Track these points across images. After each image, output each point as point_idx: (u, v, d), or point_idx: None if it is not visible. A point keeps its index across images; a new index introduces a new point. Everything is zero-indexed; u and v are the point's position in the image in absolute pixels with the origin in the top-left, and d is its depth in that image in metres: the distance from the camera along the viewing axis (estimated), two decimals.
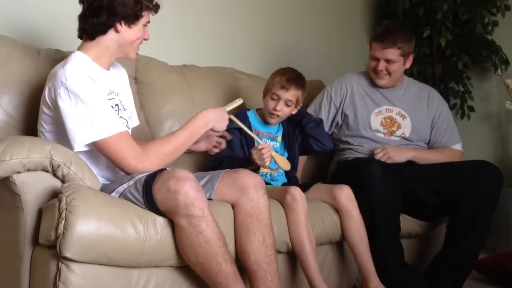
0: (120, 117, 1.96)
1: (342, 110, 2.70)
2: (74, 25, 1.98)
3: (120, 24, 1.89)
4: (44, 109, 1.86)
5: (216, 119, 2.01)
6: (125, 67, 2.15)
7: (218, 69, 2.83)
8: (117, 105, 1.96)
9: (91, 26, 1.88)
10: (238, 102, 2.19)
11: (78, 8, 2.00)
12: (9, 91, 2.04)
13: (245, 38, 3.21)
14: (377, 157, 2.48)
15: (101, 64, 1.93)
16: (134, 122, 2.15)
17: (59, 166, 1.65)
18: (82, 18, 1.90)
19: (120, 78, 2.08)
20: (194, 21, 2.97)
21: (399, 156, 2.51)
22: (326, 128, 2.70)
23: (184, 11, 2.90)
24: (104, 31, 1.89)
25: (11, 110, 2.03)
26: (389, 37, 2.56)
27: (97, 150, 1.83)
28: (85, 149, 1.80)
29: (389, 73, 2.61)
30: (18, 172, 1.61)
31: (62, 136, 1.82)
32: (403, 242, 2.36)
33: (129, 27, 1.91)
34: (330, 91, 2.75)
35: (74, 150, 1.77)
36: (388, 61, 2.58)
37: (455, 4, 3.40)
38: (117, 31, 1.90)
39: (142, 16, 1.92)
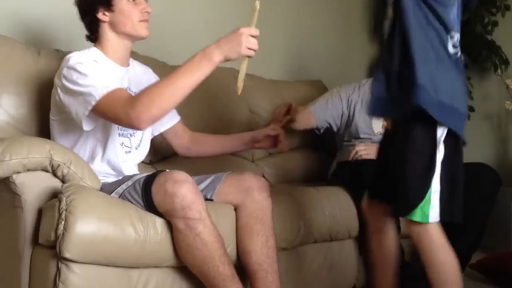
0: None
1: (347, 110, 2.72)
2: (74, 25, 1.99)
3: (102, 13, 1.90)
4: (52, 97, 1.89)
5: (224, 46, 1.71)
6: None
7: (218, 69, 2.79)
8: None
9: (86, 30, 1.95)
10: (256, 8, 1.76)
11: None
12: (10, 91, 2.04)
13: None
14: (360, 152, 2.43)
15: (115, 59, 1.95)
16: (174, 118, 2.18)
17: (59, 166, 1.65)
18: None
19: (140, 76, 2.06)
20: (194, 21, 2.97)
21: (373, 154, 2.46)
22: (333, 121, 2.72)
23: (184, 11, 2.90)
24: (96, 28, 1.93)
25: (11, 110, 2.03)
26: None
27: (99, 117, 1.78)
28: (91, 125, 1.78)
29: None
30: (18, 172, 1.61)
31: (67, 124, 1.86)
32: (403, 242, 2.36)
33: (111, 10, 1.90)
34: (339, 90, 2.78)
35: (84, 128, 1.77)
36: None
37: None
38: (104, 21, 1.91)
39: None
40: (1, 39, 2.09)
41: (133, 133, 1.99)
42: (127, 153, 1.98)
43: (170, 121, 2.18)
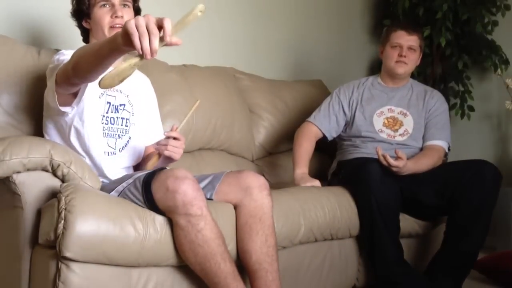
0: (106, 116, 1.96)
1: (349, 112, 2.71)
2: (74, 25, 2.00)
3: (85, 21, 2.02)
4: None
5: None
6: None
7: (218, 69, 2.83)
8: (110, 103, 1.97)
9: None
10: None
11: None
12: (10, 91, 2.04)
13: (245, 38, 3.22)
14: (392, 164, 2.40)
15: None
16: (154, 136, 2.13)
17: (59, 165, 1.65)
18: None
19: (135, 83, 2.09)
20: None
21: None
22: (339, 128, 2.71)
23: (184, 11, 2.90)
24: (86, 35, 2.06)
25: (11, 110, 2.04)
26: (412, 25, 2.71)
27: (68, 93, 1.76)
28: (63, 106, 1.76)
29: (408, 62, 2.67)
30: (18, 172, 1.61)
31: (53, 120, 1.88)
32: (403, 241, 2.36)
33: (90, 18, 1.99)
34: (338, 93, 2.77)
35: (56, 104, 1.74)
36: (410, 48, 2.65)
37: (455, 4, 3.41)
38: (88, 28, 2.02)
39: (89, 3, 1.98)
40: (1, 39, 2.09)
41: (121, 134, 2.00)
42: (110, 154, 1.97)
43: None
